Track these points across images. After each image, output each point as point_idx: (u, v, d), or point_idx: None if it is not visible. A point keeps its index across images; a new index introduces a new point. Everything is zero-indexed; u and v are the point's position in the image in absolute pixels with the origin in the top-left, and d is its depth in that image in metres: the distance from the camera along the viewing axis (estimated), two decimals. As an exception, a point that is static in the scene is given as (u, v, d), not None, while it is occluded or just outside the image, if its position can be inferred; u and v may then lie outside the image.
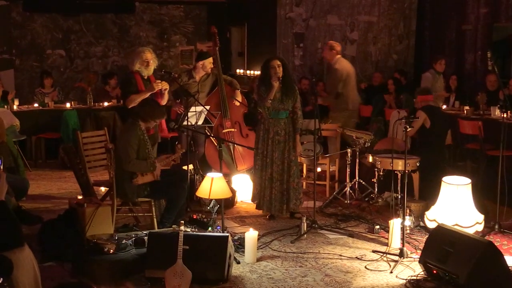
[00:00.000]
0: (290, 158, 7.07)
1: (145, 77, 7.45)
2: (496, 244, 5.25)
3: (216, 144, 8.19)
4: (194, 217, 6.53)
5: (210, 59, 8.18)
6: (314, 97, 7.01)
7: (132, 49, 7.71)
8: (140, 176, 6.23)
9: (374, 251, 6.06)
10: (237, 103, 8.32)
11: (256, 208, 7.30)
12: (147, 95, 7.22)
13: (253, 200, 7.39)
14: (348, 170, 7.78)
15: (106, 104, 10.81)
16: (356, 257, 5.90)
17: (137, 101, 7.12)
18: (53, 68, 13.04)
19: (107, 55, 13.57)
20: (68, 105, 10.62)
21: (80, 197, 6.78)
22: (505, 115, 7.13)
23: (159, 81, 7.45)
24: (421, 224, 6.69)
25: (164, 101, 7.50)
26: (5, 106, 10.08)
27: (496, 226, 6.58)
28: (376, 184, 7.65)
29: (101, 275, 5.21)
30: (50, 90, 11.23)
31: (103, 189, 7.52)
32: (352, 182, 7.83)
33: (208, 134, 8.05)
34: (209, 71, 8.20)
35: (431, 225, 6.07)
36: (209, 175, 5.84)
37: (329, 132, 8.83)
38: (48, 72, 11.62)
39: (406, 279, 5.34)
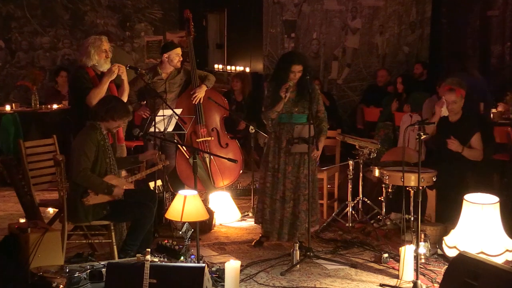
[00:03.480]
0: (306, 172, 6.94)
1: (99, 73, 7.38)
2: (529, 275, 5.26)
3: (188, 156, 8.19)
4: (164, 243, 6.50)
5: (177, 50, 8.13)
6: (309, 98, 6.99)
7: (84, 41, 7.65)
8: (93, 195, 6.16)
9: (382, 285, 6.05)
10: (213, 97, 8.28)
11: (264, 235, 7.20)
12: (108, 82, 7.16)
13: (264, 226, 7.29)
14: (349, 186, 7.79)
15: (55, 106, 10.76)
16: (360, 292, 5.91)
17: (102, 93, 7.07)
18: (-10, 63, 13.02)
19: (57, 47, 13.54)
20: (8, 107, 10.55)
21: (22, 220, 6.73)
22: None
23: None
24: (439, 252, 6.71)
25: (124, 95, 7.42)
26: None
27: (530, 254, 6.60)
28: (383, 204, 7.66)
29: (48, 316, 5.18)
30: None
31: (51, 210, 7.48)
32: (355, 201, 7.83)
33: (178, 143, 8.02)
34: (178, 65, 8.16)
35: (451, 253, 6.07)
36: (181, 193, 5.82)
37: (326, 140, 8.82)
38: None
39: (421, 319, 5.34)
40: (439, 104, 7.93)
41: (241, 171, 8.62)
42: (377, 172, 7.55)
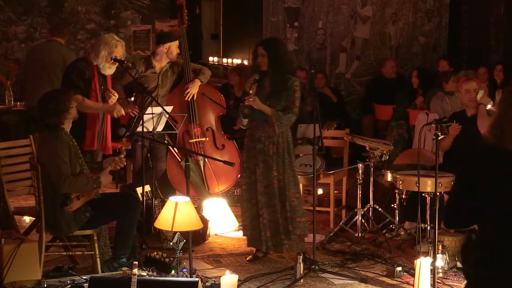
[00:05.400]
0: (284, 174, 6.96)
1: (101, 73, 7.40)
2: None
3: (180, 159, 8.18)
4: (153, 255, 6.51)
5: (177, 42, 8.16)
6: (314, 94, 7.00)
7: (101, 36, 7.66)
8: (76, 200, 6.16)
9: (395, 302, 6.08)
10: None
11: (248, 245, 7.21)
12: (101, 111, 7.28)
13: (244, 233, 7.28)
14: (359, 192, 7.79)
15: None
16: (371, 310, 5.93)
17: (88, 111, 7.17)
18: (-41, 55, 13.04)
19: (33, 37, 13.52)
20: (-21, 105, 10.58)
21: (-5, 230, 6.72)
22: None
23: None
24: (458, 265, 6.72)
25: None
26: None
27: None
28: (397, 211, 7.66)
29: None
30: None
31: (27, 219, 7.48)
32: (365, 209, 7.84)
33: (168, 144, 8.02)
34: (175, 58, 8.16)
35: (472, 266, 6.07)
36: (172, 199, 5.82)
37: (333, 141, 8.83)
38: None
39: None
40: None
41: (239, 175, 8.61)
42: (389, 177, 7.54)
